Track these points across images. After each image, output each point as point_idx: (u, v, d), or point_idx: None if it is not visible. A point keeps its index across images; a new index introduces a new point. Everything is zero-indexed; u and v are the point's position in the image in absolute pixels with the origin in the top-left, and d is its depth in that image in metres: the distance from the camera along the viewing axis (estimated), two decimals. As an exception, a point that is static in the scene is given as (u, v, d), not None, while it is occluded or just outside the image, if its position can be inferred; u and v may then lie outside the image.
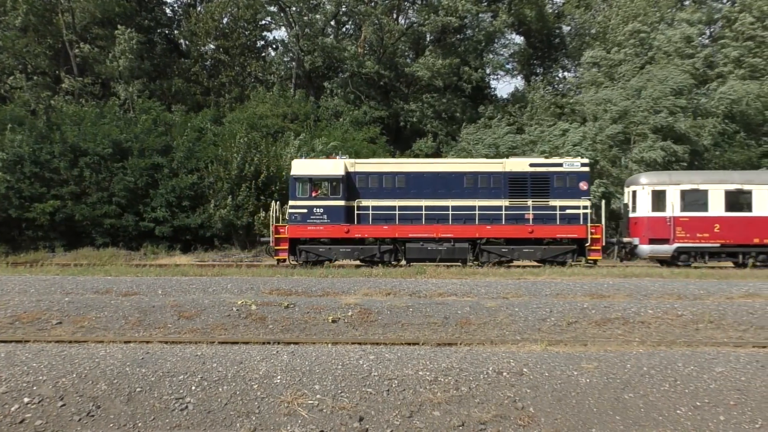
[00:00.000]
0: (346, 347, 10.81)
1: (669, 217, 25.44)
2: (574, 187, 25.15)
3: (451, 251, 24.83)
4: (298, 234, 25.07)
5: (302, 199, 25.09)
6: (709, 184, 25.75)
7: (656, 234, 25.51)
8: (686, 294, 15.93)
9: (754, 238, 25.13)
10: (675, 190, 25.59)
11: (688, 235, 25.31)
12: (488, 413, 8.63)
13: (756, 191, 25.44)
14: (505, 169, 25.43)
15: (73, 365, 9.54)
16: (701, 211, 25.46)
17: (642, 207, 26.00)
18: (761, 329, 13.50)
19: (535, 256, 24.97)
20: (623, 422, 8.61)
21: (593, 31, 48.95)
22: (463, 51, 49.10)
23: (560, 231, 24.89)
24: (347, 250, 25.12)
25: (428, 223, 25.04)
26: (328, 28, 52.75)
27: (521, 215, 25.02)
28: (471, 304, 14.37)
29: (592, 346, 11.37)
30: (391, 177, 25.50)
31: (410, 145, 45.95)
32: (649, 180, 26.31)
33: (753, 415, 8.75)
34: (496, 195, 25.18)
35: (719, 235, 25.23)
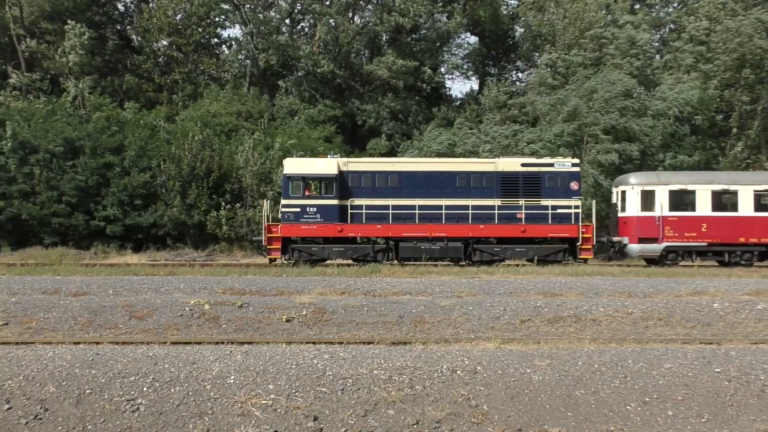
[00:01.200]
0: (300, 347, 10.75)
1: (658, 216, 25.84)
2: (566, 187, 25.48)
3: (445, 250, 24.94)
4: (291, 233, 24.93)
5: (295, 198, 24.95)
6: (696, 184, 26.25)
7: (645, 233, 25.89)
8: (636, 292, 16.22)
9: (740, 237, 25.67)
10: (663, 190, 26.01)
11: (676, 235, 25.74)
12: (442, 411, 8.67)
13: (741, 192, 25.97)
14: (497, 169, 25.62)
15: (20, 367, 9.31)
16: (689, 211, 25.95)
17: (631, 207, 26.38)
18: (708, 326, 13.82)
19: (527, 255, 25.14)
20: (575, 418, 8.72)
21: (545, 30, 49.47)
22: (419, 51, 49.26)
23: (552, 230, 25.17)
24: (340, 249, 25.02)
25: (421, 223, 25.09)
26: (283, 26, 52.45)
27: (513, 215, 25.23)
28: (426, 303, 14.42)
29: (544, 343, 11.50)
30: (384, 176, 25.50)
31: (365, 144, 45.97)
32: (638, 180, 26.73)
33: (699, 410, 8.94)
34: (489, 194, 25.35)
35: (706, 234, 25.69)
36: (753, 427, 8.69)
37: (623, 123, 34.88)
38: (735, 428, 8.66)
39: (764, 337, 12.99)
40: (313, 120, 44.00)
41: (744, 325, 13.92)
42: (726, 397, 9.18)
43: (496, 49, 57.11)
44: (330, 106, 46.17)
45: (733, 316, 14.23)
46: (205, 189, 33.73)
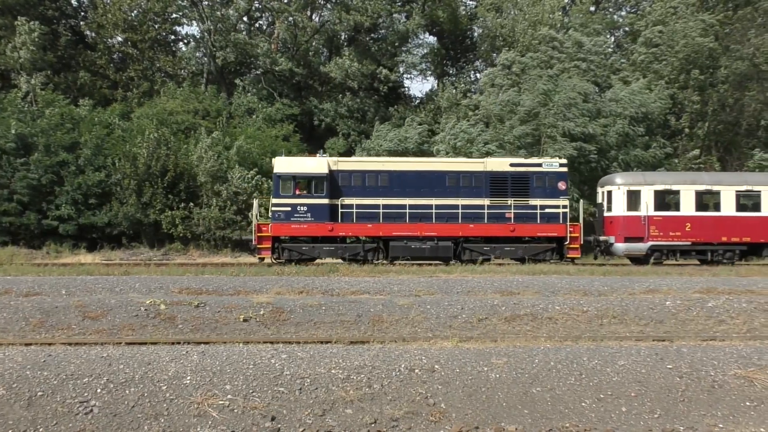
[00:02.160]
0: (257, 346, 10.68)
1: (643, 216, 26.23)
2: (553, 187, 25.77)
3: (435, 249, 25.03)
4: (281, 232, 24.83)
5: (286, 197, 24.83)
6: (680, 184, 26.73)
7: (631, 233, 26.28)
8: (592, 290, 16.45)
9: (723, 236, 26.21)
10: (649, 190, 26.44)
11: (661, 234, 26.15)
12: (400, 410, 8.69)
13: (724, 192, 26.54)
14: (486, 169, 25.80)
15: (-31, 369, 9.10)
16: (674, 211, 26.47)
17: (617, 206, 26.73)
18: (660, 323, 14.08)
19: (516, 254, 25.36)
20: (531, 416, 8.81)
21: (503, 31, 49.89)
22: (377, 51, 49.28)
23: (541, 230, 25.44)
24: (331, 248, 24.99)
25: (412, 222, 25.14)
26: (241, 23, 52.00)
27: (502, 214, 25.44)
28: (384, 302, 14.44)
29: (501, 342, 11.60)
30: (374, 175, 25.52)
31: (323, 143, 45.85)
32: (624, 180, 27.11)
33: (652, 406, 9.10)
34: (478, 194, 25.54)
35: (690, 233, 26.16)
36: (703, 421, 8.88)
37: (581, 129, 35.39)
38: (686, 423, 8.83)
39: (714, 334, 13.28)
40: (271, 118, 43.73)
41: (695, 322, 14.21)
42: (677, 393, 9.36)
43: (455, 49, 57.41)
44: (288, 104, 45.93)
45: (684, 314, 14.52)
46: (160, 188, 33.31)
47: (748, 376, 9.71)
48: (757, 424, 8.89)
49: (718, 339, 12.49)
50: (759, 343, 11.75)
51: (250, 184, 33.98)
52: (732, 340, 12.20)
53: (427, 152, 37.19)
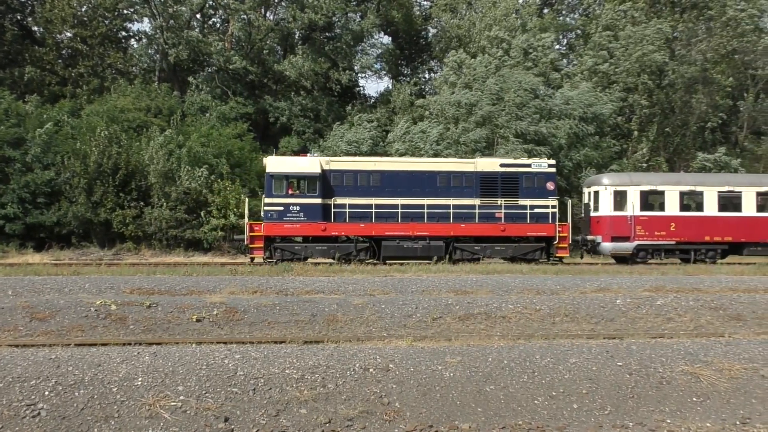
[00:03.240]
0: (211, 347, 10.57)
1: (630, 216, 26.75)
2: (542, 187, 26.14)
3: (427, 249, 25.18)
4: (274, 232, 24.76)
5: (278, 196, 24.77)
6: (665, 185, 27.39)
7: (618, 232, 26.77)
8: (544, 289, 16.65)
9: (705, 236, 26.87)
10: (635, 190, 26.98)
11: (647, 233, 26.71)
12: (355, 409, 8.68)
13: (707, 192, 27.24)
14: (477, 169, 26.06)
15: None
16: (659, 211, 27.03)
17: (604, 206, 27.21)
18: (611, 322, 14.32)
19: (506, 253, 25.67)
20: (485, 414, 8.88)
21: (459, 32, 50.22)
22: (332, 50, 49.17)
23: (531, 229, 25.77)
24: (323, 248, 25.00)
25: (404, 222, 25.25)
26: (194, 21, 51.39)
27: (492, 214, 25.73)
28: (338, 302, 14.41)
29: (456, 340, 11.67)
30: (366, 175, 25.58)
31: (278, 142, 45.59)
32: (611, 181, 27.62)
33: (603, 402, 9.25)
34: (469, 194, 25.77)
35: (675, 233, 26.78)
36: (652, 417, 9.05)
37: (533, 129, 35.83)
38: (635, 419, 9.00)
39: (662, 331, 13.56)
40: (225, 117, 43.30)
41: (644, 320, 14.49)
42: (627, 389, 9.53)
43: (410, 49, 57.61)
44: (242, 103, 45.54)
45: (634, 312, 14.79)
46: (111, 186, 32.74)
47: (694, 372, 9.94)
48: (703, 418, 9.10)
49: (667, 336, 12.74)
50: (705, 339, 12.02)
51: (199, 183, 33.61)
52: (679, 337, 12.46)
53: (382, 153, 37.22)
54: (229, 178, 34.37)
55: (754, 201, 27.45)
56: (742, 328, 13.88)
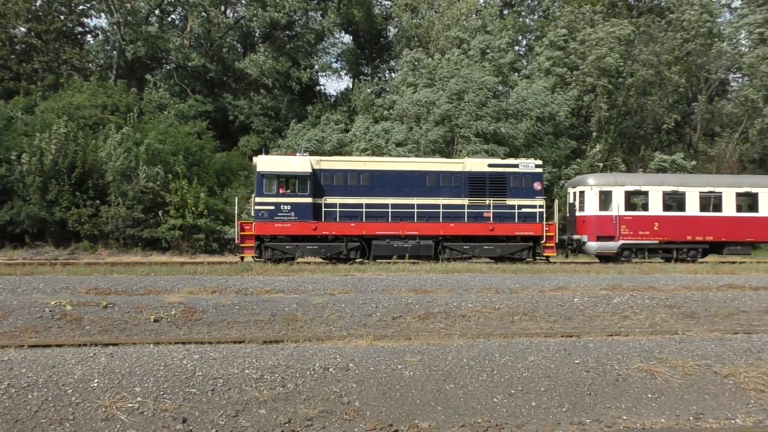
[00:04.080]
0: (169, 347, 10.44)
1: (615, 216, 27.19)
2: (529, 187, 26.42)
3: (417, 248, 25.31)
4: (265, 231, 24.68)
5: (269, 195, 24.71)
6: (649, 185, 27.88)
7: (603, 231, 27.22)
8: (503, 288, 16.77)
9: (687, 235, 27.44)
10: (620, 190, 27.48)
11: (631, 233, 27.20)
12: (315, 409, 8.65)
13: (689, 193, 27.82)
14: (465, 169, 26.27)
15: None
16: (643, 211, 27.61)
17: (590, 206, 27.66)
18: (569, 320, 14.48)
19: (495, 253, 25.87)
20: (444, 412, 8.91)
21: (419, 32, 50.42)
22: (292, 48, 48.97)
23: (519, 229, 25.99)
24: (314, 247, 24.98)
25: (394, 221, 25.34)
26: (153, 17, 50.72)
27: (481, 214, 25.96)
28: (298, 301, 14.35)
29: (415, 339, 11.70)
30: (356, 175, 25.65)
31: (237, 140, 45.27)
32: (597, 181, 28.03)
33: (561, 400, 9.35)
34: (458, 194, 25.98)
35: (658, 232, 27.32)
36: (608, 414, 9.18)
37: (493, 129, 36.11)
38: (592, 416, 9.11)
39: (619, 329, 13.75)
40: (184, 115, 42.87)
41: (601, 318, 14.68)
42: (585, 386, 9.65)
43: (370, 48, 57.63)
44: (201, 101, 45.12)
45: (591, 310, 14.98)
46: (67, 185, 32.15)
47: (649, 369, 10.10)
48: (658, 414, 9.26)
49: (623, 334, 12.92)
50: (660, 337, 12.22)
51: (156, 182, 33.21)
52: (635, 335, 12.65)
53: (345, 153, 37.15)
54: (187, 177, 33.99)
55: (734, 201, 28.20)
56: (696, 326, 14.15)
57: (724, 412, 9.43)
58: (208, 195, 35.29)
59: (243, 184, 37.90)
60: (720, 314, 15.24)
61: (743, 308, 15.67)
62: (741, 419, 9.27)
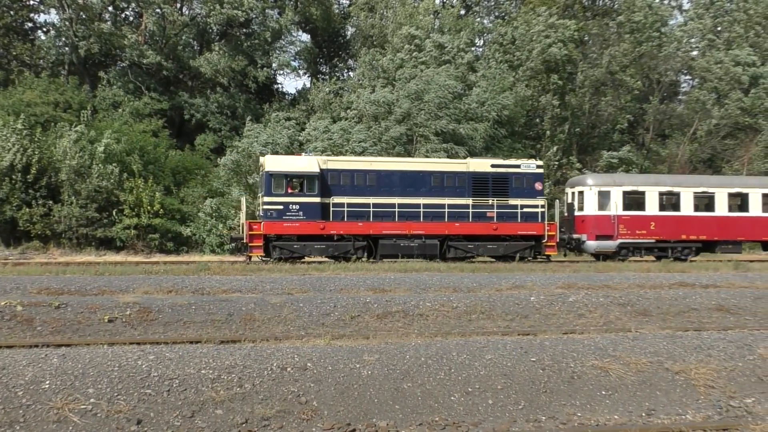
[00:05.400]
0: (123, 348, 10.28)
1: (613, 215, 27.69)
2: (531, 188, 26.85)
3: (423, 247, 25.50)
4: (273, 230, 24.62)
5: (278, 195, 24.66)
6: (646, 186, 28.49)
7: (602, 231, 27.66)
8: (461, 287, 16.88)
9: (682, 234, 28.06)
10: (618, 191, 27.98)
11: (629, 232, 27.71)
12: (272, 409, 8.61)
13: (683, 193, 28.47)
14: (469, 170, 26.60)
15: None
16: (640, 210, 27.99)
17: (589, 206, 28.12)
18: (525, 318, 14.64)
19: (498, 252, 26.21)
20: (402, 411, 8.94)
21: (375, 31, 50.46)
22: (249, 47, 48.59)
23: (521, 228, 26.37)
24: (322, 246, 24.98)
25: (400, 221, 25.48)
26: (106, 13, 49.80)
27: (484, 213, 26.26)
28: (256, 301, 14.27)
29: (374, 338, 11.71)
30: (363, 175, 25.81)
31: (194, 139, 44.75)
32: (595, 181, 28.54)
33: (517, 398, 9.45)
34: (461, 194, 26.27)
35: (654, 232, 27.89)
36: (563, 410, 9.30)
37: (452, 129, 36.35)
38: (548, 413, 9.23)
39: (574, 327, 13.94)
40: (139, 113, 42.23)
41: (557, 316, 14.87)
42: (540, 384, 9.76)
43: (328, 47, 57.47)
44: (156, 99, 44.47)
45: (547, 309, 15.17)
46: (19, 183, 31.45)
47: (604, 367, 10.26)
48: (612, 411, 9.41)
49: (578, 332, 13.10)
50: (614, 335, 12.42)
51: (110, 181, 32.69)
52: (590, 333, 12.83)
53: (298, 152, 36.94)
54: (142, 176, 33.53)
55: (726, 202, 29.00)
56: (648, 323, 14.41)
57: (675, 408, 9.62)
58: (164, 194, 34.85)
59: (200, 183, 37.50)
60: (671, 312, 15.56)
61: (694, 306, 16.02)
62: (691, 415, 9.47)
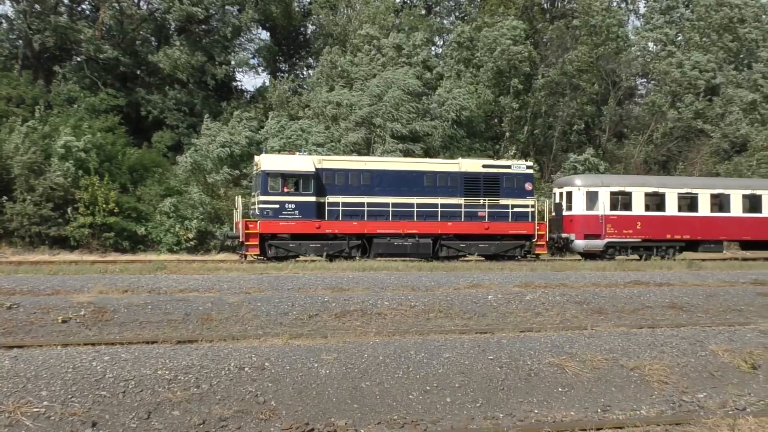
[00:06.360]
0: (78, 349, 10.10)
1: (601, 215, 28.22)
2: (521, 188, 27.41)
3: (416, 246, 25.93)
4: (270, 229, 24.77)
5: (274, 194, 24.78)
6: (632, 186, 29.16)
7: (590, 230, 28.19)
8: (419, 286, 16.93)
9: (667, 234, 28.74)
10: (605, 191, 28.54)
11: (616, 232, 28.29)
12: (230, 409, 8.54)
13: (668, 194, 29.18)
14: (461, 170, 27.06)
15: None
16: (627, 211, 28.61)
17: (577, 206, 28.61)
18: (483, 317, 14.75)
19: (489, 251, 26.70)
20: (360, 410, 8.94)
21: (336, 29, 50.35)
22: (209, 43, 48.11)
23: (512, 228, 26.92)
24: (317, 245, 25.16)
25: (395, 220, 25.76)
26: (62, 6, 48.86)
27: (476, 213, 26.70)
28: (213, 300, 14.15)
29: (332, 338, 11.69)
30: (357, 174, 26.08)
31: (151, 136, 44.13)
32: (584, 182, 29.05)
33: (475, 395, 9.51)
34: (453, 194, 26.70)
35: (641, 231, 28.54)
36: (521, 408, 9.39)
37: (409, 129, 36.46)
38: (505, 410, 9.31)
39: (531, 325, 14.08)
40: (95, 109, 41.52)
41: (514, 315, 15.01)
42: (498, 382, 9.84)
43: (288, 45, 57.20)
44: (113, 95, 43.75)
45: (505, 307, 15.30)
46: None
47: (560, 364, 10.38)
48: (568, 407, 9.53)
49: (535, 330, 13.22)
50: (570, 332, 12.57)
51: (66, 178, 32.11)
52: (547, 331, 12.96)
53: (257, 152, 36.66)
54: (99, 174, 32.97)
55: (709, 202, 29.84)
56: (604, 321, 14.63)
57: (629, 404, 9.78)
58: (120, 192, 34.33)
59: (157, 182, 37.01)
60: (626, 310, 15.81)
61: (648, 304, 16.31)
62: (645, 410, 9.64)
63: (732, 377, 10.76)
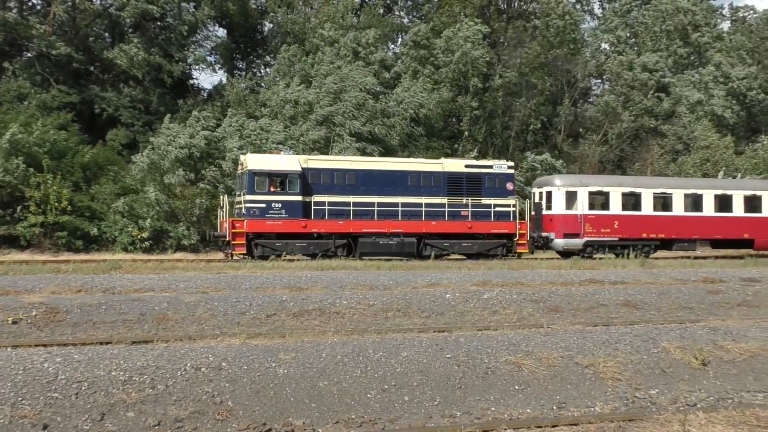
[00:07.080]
0: (28, 350, 9.89)
1: (580, 214, 28.60)
2: (503, 187, 27.66)
3: (401, 245, 26.02)
4: (256, 229, 24.64)
5: (260, 193, 24.69)
6: (610, 186, 29.65)
7: (569, 229, 28.56)
8: (378, 285, 16.94)
9: (643, 233, 29.23)
10: (584, 191, 28.97)
11: (594, 231, 28.70)
12: (186, 410, 8.44)
13: (644, 194, 29.68)
14: (444, 170, 27.30)
15: None
16: (605, 210, 29.08)
17: (557, 206, 28.97)
18: (441, 315, 14.83)
19: (473, 249, 26.97)
20: (318, 409, 8.92)
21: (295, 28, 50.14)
22: (165, 40, 47.47)
23: (495, 227, 27.19)
24: (303, 244, 25.19)
25: (380, 219, 25.80)
26: (11, 1, 47.74)
27: (459, 212, 26.90)
28: (169, 300, 13.98)
29: (290, 337, 11.64)
30: (343, 174, 26.16)
31: (105, 134, 43.37)
32: (563, 182, 29.43)
33: (433, 394, 9.55)
34: (437, 193, 26.88)
35: (618, 230, 28.99)
36: (478, 406, 9.46)
37: (367, 129, 36.53)
38: (463, 408, 9.36)
39: (489, 323, 14.20)
40: (46, 106, 40.64)
41: (472, 313, 15.12)
42: (456, 380, 9.90)
43: (245, 43, 56.79)
44: (66, 91, 42.89)
45: (462, 306, 15.40)
46: None
47: (516, 362, 10.48)
48: (524, 405, 9.63)
49: (492, 328, 13.33)
50: (527, 330, 12.71)
51: (15, 176, 31.37)
52: (504, 329, 13.07)
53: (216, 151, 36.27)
54: (50, 172, 32.27)
55: (682, 202, 30.42)
56: (560, 319, 14.82)
57: (584, 401, 9.92)
58: (73, 191, 33.67)
59: (112, 180, 36.38)
60: (582, 308, 16.04)
61: (603, 302, 16.57)
62: (599, 407, 9.78)
63: (683, 374, 10.99)
